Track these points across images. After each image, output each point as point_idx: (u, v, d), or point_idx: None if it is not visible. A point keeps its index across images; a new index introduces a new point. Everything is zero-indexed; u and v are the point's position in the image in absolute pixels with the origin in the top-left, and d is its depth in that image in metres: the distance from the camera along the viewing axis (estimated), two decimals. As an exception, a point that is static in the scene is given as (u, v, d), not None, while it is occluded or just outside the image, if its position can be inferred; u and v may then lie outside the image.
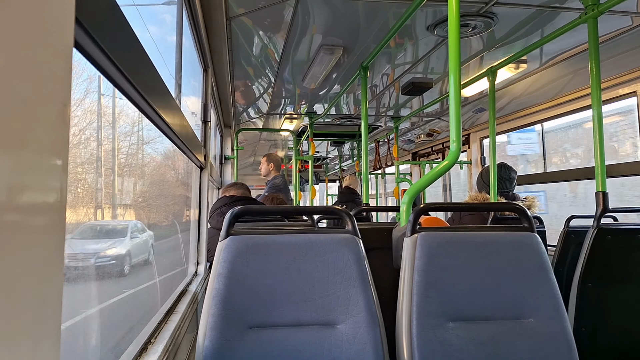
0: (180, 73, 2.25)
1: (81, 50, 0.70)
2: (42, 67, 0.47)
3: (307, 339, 1.50)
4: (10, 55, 0.41)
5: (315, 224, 2.68)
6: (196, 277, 2.76)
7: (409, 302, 1.61)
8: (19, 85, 0.42)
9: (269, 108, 5.13)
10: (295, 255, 1.57)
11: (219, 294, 1.49)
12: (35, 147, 0.45)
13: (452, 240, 1.70)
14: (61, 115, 0.51)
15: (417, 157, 7.39)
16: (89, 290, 1.49)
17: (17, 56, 0.42)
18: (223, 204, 3.33)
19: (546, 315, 1.64)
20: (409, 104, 5.09)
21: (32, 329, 0.45)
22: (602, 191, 2.47)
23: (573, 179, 4.46)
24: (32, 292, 0.45)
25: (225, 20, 2.68)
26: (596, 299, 2.44)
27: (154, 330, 1.61)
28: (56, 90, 0.50)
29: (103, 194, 1.67)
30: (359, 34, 3.02)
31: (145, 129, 2.04)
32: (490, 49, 3.31)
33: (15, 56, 0.42)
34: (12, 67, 0.41)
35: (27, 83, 0.44)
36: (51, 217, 0.49)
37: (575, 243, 3.08)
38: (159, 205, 2.59)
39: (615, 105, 3.78)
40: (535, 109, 4.48)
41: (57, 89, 0.51)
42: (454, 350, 1.55)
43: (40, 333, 0.47)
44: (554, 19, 2.78)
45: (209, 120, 3.02)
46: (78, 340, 1.32)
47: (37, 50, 0.46)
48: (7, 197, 0.40)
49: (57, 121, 0.50)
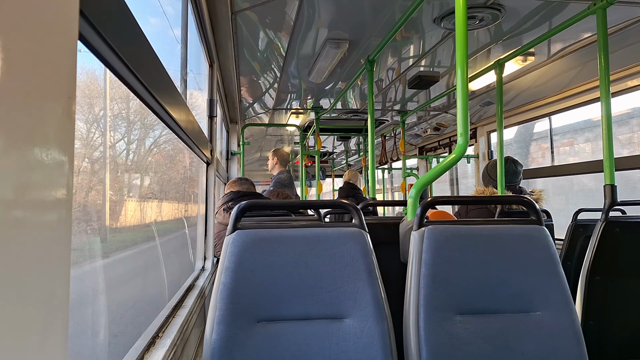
0: (185, 68, 2.25)
1: (86, 43, 0.69)
2: (46, 60, 0.47)
3: (315, 332, 1.50)
4: (15, 48, 0.40)
5: (322, 218, 2.68)
6: (203, 271, 2.77)
7: (417, 296, 1.60)
8: (23, 79, 0.42)
9: (274, 103, 5.12)
10: (302, 250, 1.57)
11: (226, 288, 1.49)
12: (40, 141, 0.45)
13: (459, 233, 1.69)
14: (66, 109, 0.51)
15: (424, 151, 7.36)
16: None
17: (21, 49, 0.42)
18: (229, 199, 3.34)
19: (554, 309, 1.63)
20: (416, 98, 5.07)
21: (40, 322, 0.45)
22: (610, 184, 2.46)
23: (581, 172, 4.42)
24: (40, 286, 0.45)
25: (231, 14, 2.68)
26: (604, 293, 2.42)
27: (161, 325, 1.62)
28: (61, 84, 0.50)
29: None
30: (365, 28, 3.01)
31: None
32: (498, 42, 3.28)
33: (19, 49, 0.41)
34: (16, 60, 0.41)
35: (31, 76, 0.44)
36: (58, 212, 0.49)
37: (583, 236, 3.07)
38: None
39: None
40: (543, 102, 4.45)
41: (62, 82, 0.50)
42: (461, 343, 1.55)
43: (48, 326, 0.47)
44: (562, 10, 2.75)
45: (215, 116, 3.03)
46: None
47: (41, 43, 0.45)
48: (13, 193, 0.40)
49: (62, 115, 0.50)
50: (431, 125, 6.32)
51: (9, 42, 0.39)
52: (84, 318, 1.43)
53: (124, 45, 0.82)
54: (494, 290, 1.64)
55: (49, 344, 0.47)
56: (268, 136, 7.66)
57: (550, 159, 5.01)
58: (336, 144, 8.63)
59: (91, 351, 1.49)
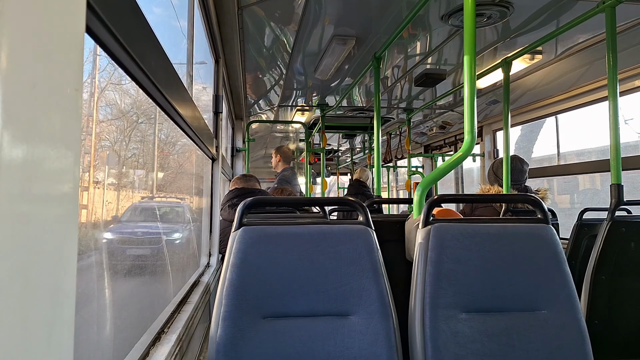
0: (192, 63, 2.25)
1: (93, 35, 0.69)
2: (53, 52, 0.46)
3: (321, 329, 1.50)
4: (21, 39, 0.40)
5: (327, 215, 2.67)
6: (208, 268, 2.77)
7: (422, 293, 1.59)
8: (30, 71, 0.41)
9: (280, 100, 5.11)
10: (308, 246, 1.57)
11: (232, 284, 1.48)
12: (46, 134, 0.44)
13: (465, 231, 1.68)
14: (73, 101, 0.50)
15: (429, 149, 7.34)
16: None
17: (28, 40, 0.41)
18: (234, 195, 3.34)
19: (560, 307, 1.62)
20: (422, 96, 5.05)
21: (46, 316, 0.45)
22: (616, 183, 2.45)
23: (587, 172, 4.40)
24: (46, 281, 0.45)
25: (237, 9, 2.67)
26: (609, 292, 2.41)
27: (167, 320, 1.62)
28: (68, 76, 0.50)
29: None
30: (371, 24, 3.00)
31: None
32: (505, 40, 3.26)
33: (26, 40, 0.41)
34: (22, 51, 0.40)
35: (38, 68, 0.43)
36: (64, 206, 0.49)
37: (589, 236, 3.05)
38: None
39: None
40: (550, 101, 4.42)
41: (69, 74, 0.50)
42: (466, 341, 1.54)
43: (54, 320, 0.47)
44: (570, 8, 2.73)
45: (221, 112, 3.02)
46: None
47: (48, 34, 0.45)
48: (18, 186, 0.40)
49: (69, 107, 0.50)
50: (437, 124, 6.30)
51: (15, 33, 0.39)
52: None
53: (131, 38, 0.82)
54: (500, 288, 1.63)
55: (54, 338, 0.47)
56: (273, 133, 7.65)
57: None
58: (341, 142, 8.61)
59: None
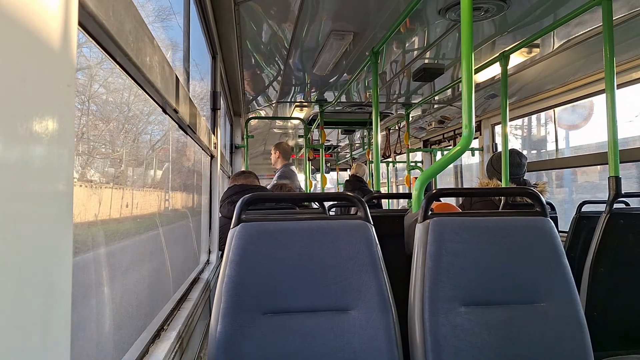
0: (188, 59, 2.24)
1: (86, 31, 0.69)
2: (45, 47, 0.46)
3: (320, 324, 1.50)
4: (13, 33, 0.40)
5: (326, 211, 2.67)
6: (208, 265, 2.77)
7: (421, 287, 1.60)
8: (19, 66, 0.41)
9: (278, 96, 5.11)
10: (307, 242, 1.57)
11: (231, 280, 1.48)
12: (39, 131, 0.44)
13: (464, 225, 1.68)
14: (65, 97, 0.50)
15: (428, 144, 7.33)
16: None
17: (19, 35, 0.41)
18: (233, 192, 3.33)
19: (559, 300, 1.63)
20: (420, 91, 5.04)
21: (41, 315, 0.45)
22: (614, 176, 2.45)
23: (585, 165, 4.40)
24: (42, 279, 0.45)
25: (234, 5, 2.66)
26: (608, 284, 2.42)
27: (166, 317, 1.62)
28: (60, 72, 0.49)
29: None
30: (369, 19, 2.99)
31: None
32: (503, 34, 3.25)
33: (18, 34, 0.40)
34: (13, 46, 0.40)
35: (28, 64, 0.43)
36: (58, 204, 0.49)
37: (587, 228, 3.06)
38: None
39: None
40: (548, 95, 4.42)
41: (62, 70, 0.50)
42: (466, 334, 1.55)
43: (49, 319, 0.47)
44: (567, 1, 2.72)
45: (219, 108, 3.01)
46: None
47: (40, 29, 0.45)
48: (12, 185, 0.39)
49: (61, 103, 0.49)
50: (435, 119, 6.30)
51: (4, 27, 0.38)
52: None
53: (124, 33, 0.81)
54: (499, 281, 1.64)
55: (50, 337, 0.47)
56: (272, 129, 7.64)
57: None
58: (340, 138, 8.60)
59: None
